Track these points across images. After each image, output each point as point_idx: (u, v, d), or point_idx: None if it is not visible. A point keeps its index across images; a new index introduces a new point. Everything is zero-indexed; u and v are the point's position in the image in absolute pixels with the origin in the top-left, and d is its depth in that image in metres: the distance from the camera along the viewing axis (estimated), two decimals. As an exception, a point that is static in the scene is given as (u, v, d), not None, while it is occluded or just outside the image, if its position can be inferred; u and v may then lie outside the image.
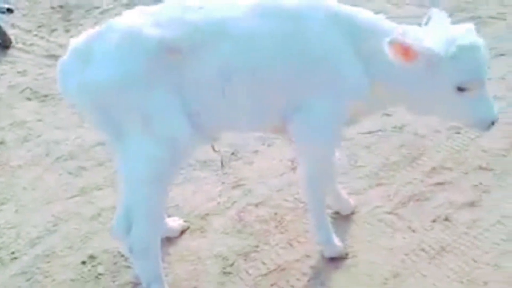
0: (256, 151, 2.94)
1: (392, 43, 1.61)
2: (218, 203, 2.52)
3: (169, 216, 2.43)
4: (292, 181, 2.62)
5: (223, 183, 2.69)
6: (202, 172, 2.82)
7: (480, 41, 1.71)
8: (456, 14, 4.25)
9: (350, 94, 1.76)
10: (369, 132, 2.92)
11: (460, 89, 1.70)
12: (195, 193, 2.63)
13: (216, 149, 2.07)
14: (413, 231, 2.21)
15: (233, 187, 2.64)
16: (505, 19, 4.08)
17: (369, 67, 1.76)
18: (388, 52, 1.62)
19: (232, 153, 2.95)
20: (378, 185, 2.50)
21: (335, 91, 1.74)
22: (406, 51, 1.62)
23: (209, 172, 2.81)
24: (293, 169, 2.72)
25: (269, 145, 2.98)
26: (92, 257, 2.25)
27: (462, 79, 1.69)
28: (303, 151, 1.94)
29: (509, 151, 2.62)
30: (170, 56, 1.61)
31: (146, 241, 1.76)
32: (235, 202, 2.52)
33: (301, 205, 2.45)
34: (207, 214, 2.46)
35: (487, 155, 2.57)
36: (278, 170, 2.74)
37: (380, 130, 2.93)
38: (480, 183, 2.43)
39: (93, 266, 2.20)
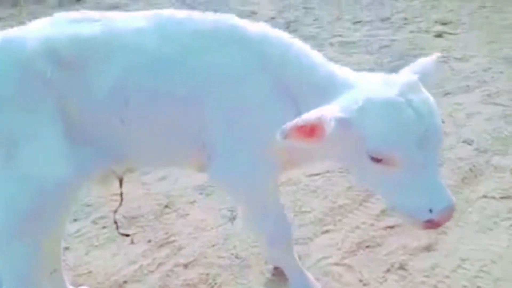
0: (192, 202, 2.63)
1: (287, 135, 1.21)
2: (141, 266, 2.14)
3: (79, 285, 2.02)
4: (230, 234, 2.30)
5: (149, 241, 2.32)
6: (129, 229, 2.45)
7: (410, 100, 1.23)
8: (405, 58, 4.36)
9: (268, 135, 1.30)
10: (316, 174, 2.69)
11: (374, 160, 1.25)
12: (115, 256, 2.24)
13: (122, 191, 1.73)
14: (365, 284, 1.90)
15: (161, 246, 2.28)
16: (447, 62, 4.18)
17: (297, 104, 1.43)
18: (288, 143, 1.23)
19: (166, 206, 2.62)
20: (324, 232, 2.22)
21: (251, 129, 1.44)
22: (308, 131, 1.23)
23: (137, 229, 2.45)
24: (232, 219, 2.42)
25: (207, 195, 2.68)
26: None
27: (368, 145, 1.25)
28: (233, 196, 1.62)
29: (462, 188, 2.44)
30: (54, 73, 1.33)
31: None
32: (160, 264, 2.15)
33: (238, 261, 2.11)
34: (125, 282, 2.06)
35: (439, 193, 2.36)
36: (215, 222, 2.42)
37: (327, 172, 2.71)
38: (435, 224, 2.19)
39: None
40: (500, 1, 6.22)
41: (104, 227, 2.49)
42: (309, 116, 1.23)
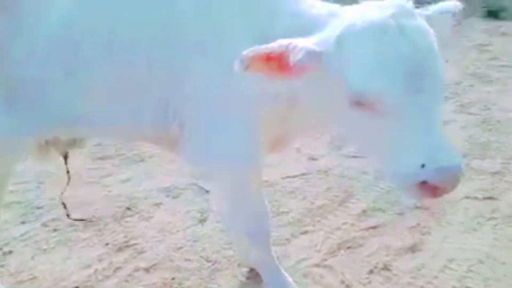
0: (158, 204, 2.39)
1: (248, 64, 0.99)
2: (95, 271, 1.87)
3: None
4: (199, 236, 2.09)
5: (106, 244, 2.06)
6: (84, 232, 2.17)
7: (402, 25, 0.98)
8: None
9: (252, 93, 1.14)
10: (293, 176, 2.54)
11: (356, 103, 1.00)
12: (66, 260, 1.96)
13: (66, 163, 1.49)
14: (348, 286, 1.73)
15: (120, 249, 2.02)
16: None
17: None
18: (246, 72, 1.01)
19: (127, 208, 2.37)
20: (303, 233, 2.04)
21: (233, 89, 1.20)
22: (276, 64, 1.02)
23: (94, 232, 2.18)
24: (202, 221, 2.20)
25: (174, 197, 2.46)
26: None
27: (347, 84, 1.00)
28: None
29: (443, 189, 2.36)
30: None
31: None
32: (118, 268, 1.89)
33: (208, 264, 1.89)
34: None
35: (421, 194, 2.26)
36: (182, 224, 2.19)
37: (304, 174, 2.57)
38: (418, 224, 2.08)
39: None
40: (464, 26, 6.52)
41: (55, 230, 2.20)
42: (275, 43, 1.01)
